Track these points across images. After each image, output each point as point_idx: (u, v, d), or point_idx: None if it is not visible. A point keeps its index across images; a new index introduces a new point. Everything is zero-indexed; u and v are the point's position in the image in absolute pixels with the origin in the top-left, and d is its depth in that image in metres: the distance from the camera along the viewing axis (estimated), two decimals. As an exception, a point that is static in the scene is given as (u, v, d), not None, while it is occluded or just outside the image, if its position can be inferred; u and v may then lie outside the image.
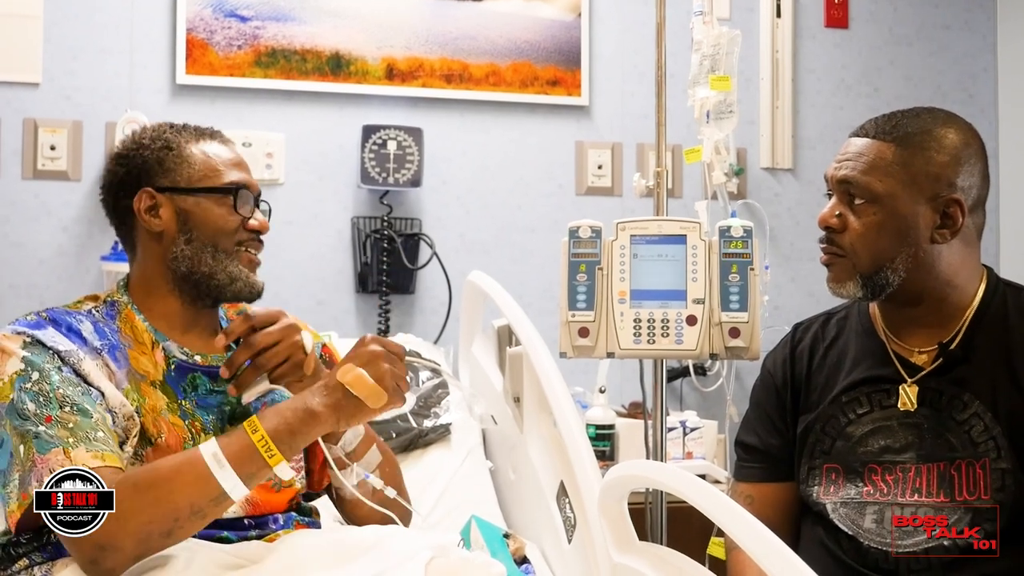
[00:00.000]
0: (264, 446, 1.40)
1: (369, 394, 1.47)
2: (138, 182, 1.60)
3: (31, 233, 2.92)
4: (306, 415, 1.44)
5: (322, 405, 1.46)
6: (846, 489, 1.68)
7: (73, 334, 1.50)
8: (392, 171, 3.03)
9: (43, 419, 1.39)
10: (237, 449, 1.40)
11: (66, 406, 1.41)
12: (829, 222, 1.68)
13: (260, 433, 1.41)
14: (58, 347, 1.46)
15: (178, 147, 1.62)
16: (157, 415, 1.52)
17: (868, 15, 3.52)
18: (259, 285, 1.64)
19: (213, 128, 1.69)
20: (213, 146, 1.65)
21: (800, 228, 3.38)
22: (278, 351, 1.58)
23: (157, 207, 1.60)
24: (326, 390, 1.48)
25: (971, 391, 1.62)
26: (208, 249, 1.59)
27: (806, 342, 1.81)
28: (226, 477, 1.37)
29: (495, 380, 2.32)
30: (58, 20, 2.95)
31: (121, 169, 1.63)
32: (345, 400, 1.47)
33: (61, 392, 1.42)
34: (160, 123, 1.68)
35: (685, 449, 2.86)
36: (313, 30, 3.08)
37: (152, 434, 1.50)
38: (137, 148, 1.63)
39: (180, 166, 1.61)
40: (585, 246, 1.91)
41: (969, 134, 1.66)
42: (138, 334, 1.58)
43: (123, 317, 1.59)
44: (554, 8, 3.23)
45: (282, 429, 1.42)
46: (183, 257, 1.59)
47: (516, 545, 1.90)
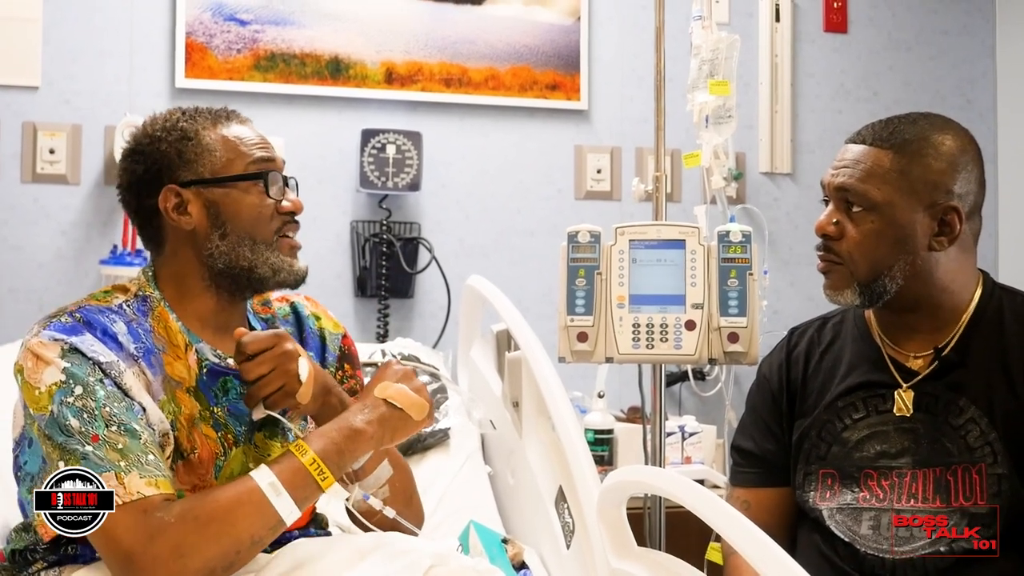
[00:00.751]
0: (316, 469, 1.40)
1: (412, 405, 1.50)
2: (159, 179, 1.53)
3: (30, 237, 2.92)
4: (352, 433, 1.45)
5: (365, 422, 1.46)
6: (842, 495, 1.68)
7: (109, 339, 1.43)
8: (391, 175, 3.03)
9: (89, 438, 1.34)
10: (290, 475, 1.39)
11: (112, 425, 1.36)
12: (826, 230, 1.67)
13: (311, 456, 1.40)
14: (99, 358, 1.39)
15: (196, 135, 1.53)
16: (192, 426, 1.49)
17: (867, 20, 3.52)
18: (303, 271, 1.59)
19: (227, 108, 1.61)
20: (232, 128, 1.56)
21: (799, 233, 3.38)
22: (269, 380, 1.50)
23: (185, 204, 1.52)
24: (367, 407, 1.48)
25: (967, 396, 1.62)
26: (246, 242, 1.53)
27: (802, 347, 1.81)
28: (283, 504, 1.37)
29: (494, 385, 2.32)
30: (57, 23, 2.95)
31: (139, 167, 1.54)
32: (389, 414, 1.48)
33: (108, 410, 1.36)
34: (170, 110, 1.59)
35: (684, 454, 2.85)
36: (312, 34, 3.08)
37: (185, 449, 1.47)
38: (152, 142, 1.54)
39: (202, 156, 1.53)
40: (584, 251, 1.90)
41: (965, 140, 1.65)
42: (172, 335, 1.52)
43: (156, 315, 1.53)
44: (553, 12, 3.23)
45: (330, 450, 1.42)
46: (219, 253, 1.52)
47: (515, 550, 1.90)
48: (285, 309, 1.74)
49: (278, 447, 1.58)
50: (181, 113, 1.56)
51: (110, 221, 2.95)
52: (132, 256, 2.84)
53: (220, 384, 1.55)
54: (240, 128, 1.57)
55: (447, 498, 2.25)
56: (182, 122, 1.54)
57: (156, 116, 1.59)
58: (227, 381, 1.55)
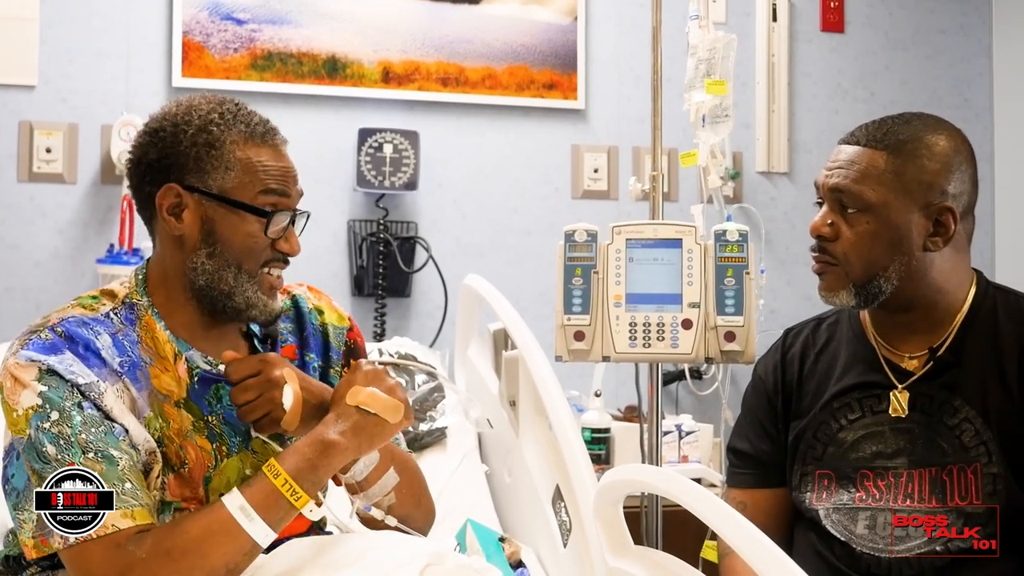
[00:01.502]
0: (288, 489, 1.36)
1: (385, 408, 1.44)
2: (167, 172, 1.46)
3: (26, 236, 2.92)
4: (325, 447, 1.40)
5: (339, 433, 1.41)
6: (838, 495, 1.68)
7: (92, 355, 1.39)
8: (388, 174, 3.03)
9: (65, 466, 1.32)
10: (262, 498, 1.35)
11: (89, 452, 1.33)
12: (821, 231, 1.67)
13: (283, 477, 1.36)
14: (78, 380, 1.35)
15: (221, 147, 1.46)
16: (183, 439, 1.45)
17: (864, 19, 3.53)
18: (276, 311, 1.53)
19: (269, 126, 1.53)
20: (263, 152, 1.49)
21: (796, 232, 3.39)
22: (254, 407, 1.46)
23: (182, 207, 1.46)
24: (339, 417, 1.42)
25: (962, 396, 1.63)
26: (231, 268, 1.47)
27: (797, 347, 1.82)
28: (256, 529, 1.34)
29: (491, 384, 2.32)
30: (54, 23, 2.95)
31: (152, 151, 1.47)
32: (363, 421, 1.43)
33: (84, 437, 1.33)
34: (212, 103, 1.50)
35: (680, 453, 2.86)
36: (309, 33, 3.08)
37: (175, 463, 1.44)
38: (176, 132, 1.46)
39: (217, 169, 1.45)
40: (581, 250, 1.91)
41: (959, 140, 1.66)
42: (159, 346, 1.47)
43: (143, 324, 1.48)
44: (550, 12, 3.23)
45: (303, 467, 1.38)
46: (203, 270, 1.46)
47: (511, 549, 1.90)
48: (286, 303, 1.67)
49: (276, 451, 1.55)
50: (219, 115, 1.48)
51: (107, 220, 2.95)
52: (129, 255, 2.83)
53: (213, 392, 1.51)
54: (269, 154, 1.50)
55: (444, 497, 2.25)
56: (213, 125, 1.46)
57: (194, 104, 1.49)
58: (220, 388, 1.51)
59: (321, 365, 1.66)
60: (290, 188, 1.51)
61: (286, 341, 1.64)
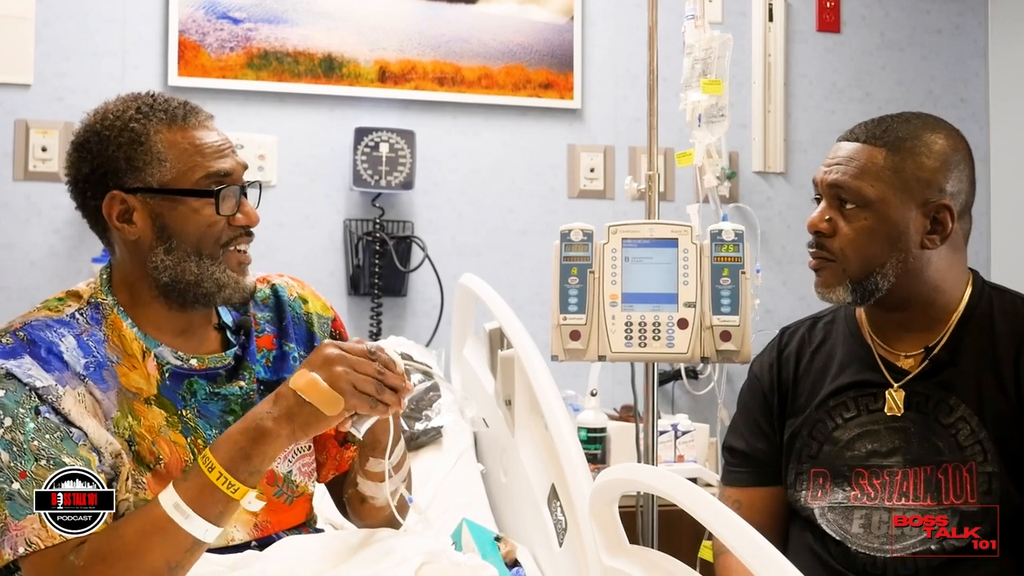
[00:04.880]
0: (224, 483, 1.31)
1: (322, 399, 1.33)
2: (104, 181, 1.43)
3: (22, 235, 2.91)
4: (257, 434, 1.33)
5: (272, 419, 1.34)
6: (833, 494, 1.68)
7: (54, 357, 1.37)
8: (384, 174, 3.03)
9: (17, 474, 1.30)
10: (197, 493, 1.31)
11: (42, 459, 1.31)
12: (819, 227, 1.68)
13: (218, 470, 1.31)
14: (35, 383, 1.33)
15: (147, 140, 1.42)
16: (156, 435, 1.43)
17: (860, 19, 3.53)
18: (249, 287, 1.50)
19: (190, 106, 1.48)
20: (190, 134, 1.44)
21: (792, 232, 3.39)
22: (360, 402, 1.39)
23: (130, 211, 1.43)
24: (277, 399, 1.36)
25: (957, 395, 1.63)
26: (192, 257, 1.44)
27: (792, 346, 1.82)
28: (194, 526, 1.30)
29: (487, 383, 2.32)
30: (49, 21, 2.94)
31: (85, 165, 1.45)
32: (298, 408, 1.34)
33: (36, 444, 1.31)
34: (125, 101, 1.47)
35: (676, 452, 2.86)
36: (306, 32, 3.08)
37: (149, 461, 1.41)
38: (100, 141, 1.43)
39: (150, 164, 1.42)
40: (577, 249, 1.91)
41: (956, 139, 1.66)
42: (127, 344, 1.45)
43: (109, 323, 1.46)
44: (547, 11, 3.23)
45: (236, 457, 1.32)
46: (164, 267, 1.44)
47: (507, 548, 1.90)
48: (264, 292, 1.65)
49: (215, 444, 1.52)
50: (135, 110, 1.44)
51: (103, 219, 2.94)
52: (125, 254, 2.83)
53: (186, 386, 1.48)
54: (197, 132, 1.45)
55: (440, 496, 2.25)
56: (134, 122, 1.43)
57: (109, 109, 1.47)
58: (193, 382, 1.49)
59: (303, 355, 1.61)
60: (229, 162, 1.47)
61: (263, 331, 1.61)
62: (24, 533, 1.29)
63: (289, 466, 1.57)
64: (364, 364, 1.38)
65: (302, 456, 1.59)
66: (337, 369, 1.35)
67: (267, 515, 1.51)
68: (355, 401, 1.36)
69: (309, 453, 1.62)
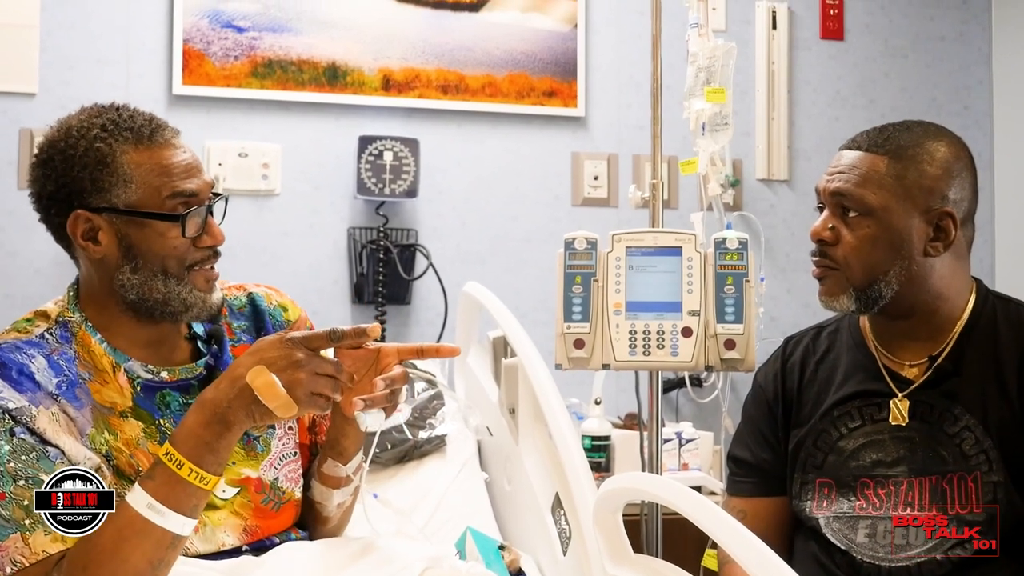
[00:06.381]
0: (195, 476, 1.30)
1: (278, 404, 1.31)
2: (69, 200, 1.42)
3: (26, 242, 2.92)
4: (222, 428, 1.31)
5: (232, 412, 1.31)
6: (839, 504, 1.68)
7: (25, 378, 1.36)
8: (388, 182, 3.03)
9: None
10: (169, 490, 1.29)
11: (20, 479, 1.30)
12: (822, 235, 1.68)
13: (188, 466, 1.29)
14: (8, 404, 1.33)
15: (113, 160, 1.40)
16: (134, 448, 1.42)
17: (864, 27, 3.53)
18: (216, 305, 1.50)
19: (156, 123, 1.46)
20: (156, 154, 1.42)
21: (796, 239, 3.39)
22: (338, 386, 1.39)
23: (96, 230, 1.42)
24: (235, 392, 1.32)
25: (962, 404, 1.63)
26: (158, 277, 1.43)
27: (797, 356, 1.82)
28: (171, 522, 1.29)
29: (490, 391, 2.32)
30: (54, 30, 2.95)
31: (49, 183, 1.43)
32: (256, 406, 1.31)
33: (13, 465, 1.31)
34: (90, 115, 1.44)
35: (681, 461, 2.85)
36: (310, 41, 3.08)
37: (129, 474, 1.41)
38: (65, 160, 1.41)
39: (116, 186, 1.40)
40: (581, 257, 1.90)
41: (959, 147, 1.66)
42: (96, 360, 1.44)
43: (79, 340, 1.45)
44: (551, 19, 3.24)
45: (203, 451, 1.31)
46: (131, 286, 1.43)
47: (511, 557, 1.89)
48: (240, 300, 1.64)
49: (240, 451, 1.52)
50: (100, 127, 1.42)
51: (107, 227, 2.94)
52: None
53: (159, 399, 1.48)
54: (164, 152, 1.43)
55: (444, 504, 2.25)
56: (99, 141, 1.41)
57: (72, 124, 1.44)
58: (166, 395, 1.49)
59: None
60: (196, 182, 1.45)
61: (239, 340, 1.61)
62: (8, 553, 1.29)
63: (276, 473, 1.57)
64: (324, 365, 1.34)
65: (288, 463, 1.60)
66: (299, 375, 1.32)
67: (256, 520, 1.52)
68: (311, 408, 1.35)
69: (295, 460, 1.62)
